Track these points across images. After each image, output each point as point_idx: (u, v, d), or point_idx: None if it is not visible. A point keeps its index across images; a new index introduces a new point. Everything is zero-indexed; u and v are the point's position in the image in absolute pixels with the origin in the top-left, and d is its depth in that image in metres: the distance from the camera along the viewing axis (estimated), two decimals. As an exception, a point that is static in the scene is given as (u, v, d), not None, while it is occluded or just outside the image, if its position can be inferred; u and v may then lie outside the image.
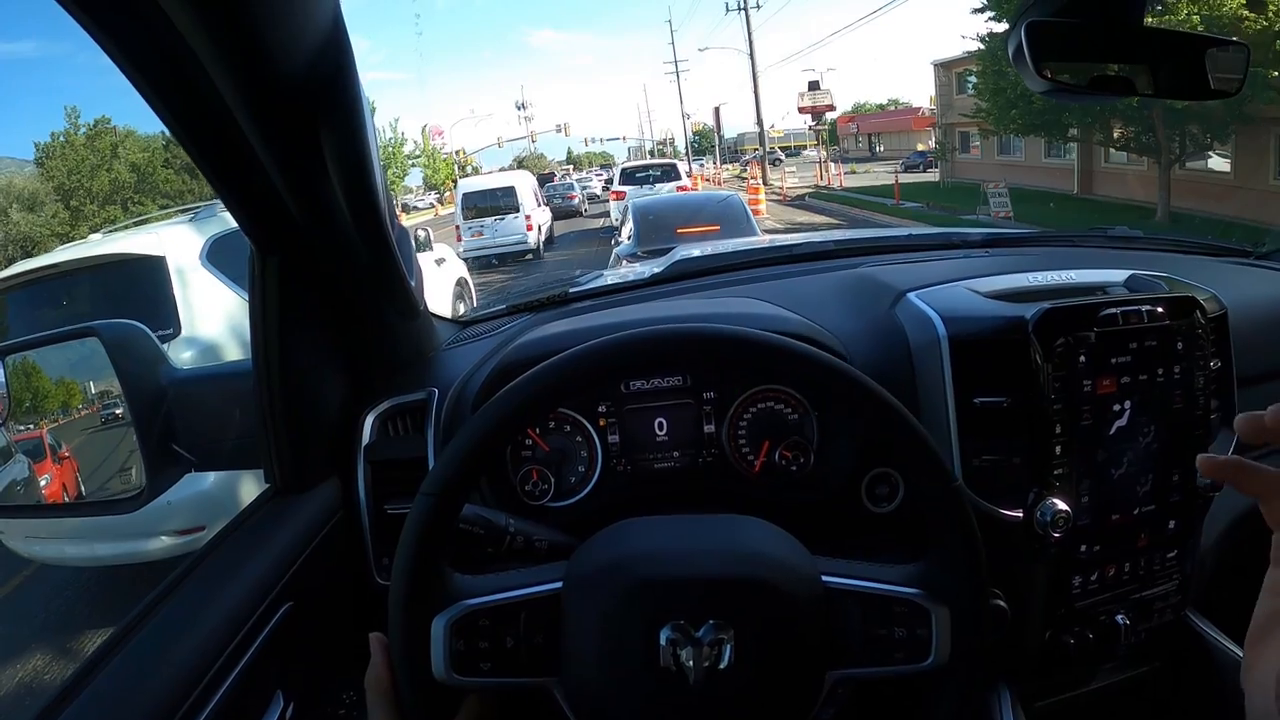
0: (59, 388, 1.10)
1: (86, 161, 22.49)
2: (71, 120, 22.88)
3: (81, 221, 22.00)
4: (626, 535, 0.69)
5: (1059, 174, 19.22)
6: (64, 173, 22.25)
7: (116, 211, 22.48)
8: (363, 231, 0.86)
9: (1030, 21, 0.86)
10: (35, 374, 1.11)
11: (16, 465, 1.17)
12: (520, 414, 0.66)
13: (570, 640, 0.64)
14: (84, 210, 22.22)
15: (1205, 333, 1.00)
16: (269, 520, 0.93)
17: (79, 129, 23.06)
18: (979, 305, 1.02)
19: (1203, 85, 0.93)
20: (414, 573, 0.63)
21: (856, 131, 52.03)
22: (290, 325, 0.91)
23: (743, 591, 0.63)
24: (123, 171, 23.16)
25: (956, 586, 0.65)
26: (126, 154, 23.51)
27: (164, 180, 24.37)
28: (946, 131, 25.24)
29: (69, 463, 1.10)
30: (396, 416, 1.06)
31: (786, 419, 1.04)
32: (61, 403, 1.10)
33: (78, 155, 22.52)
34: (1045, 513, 0.93)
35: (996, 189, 14.13)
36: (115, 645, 0.74)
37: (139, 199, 23.39)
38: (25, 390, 1.10)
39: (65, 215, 22.15)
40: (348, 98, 0.70)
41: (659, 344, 0.67)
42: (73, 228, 21.86)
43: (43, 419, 1.13)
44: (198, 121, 0.67)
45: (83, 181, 22.28)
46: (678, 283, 1.41)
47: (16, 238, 21.31)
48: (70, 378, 1.10)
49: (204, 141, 0.69)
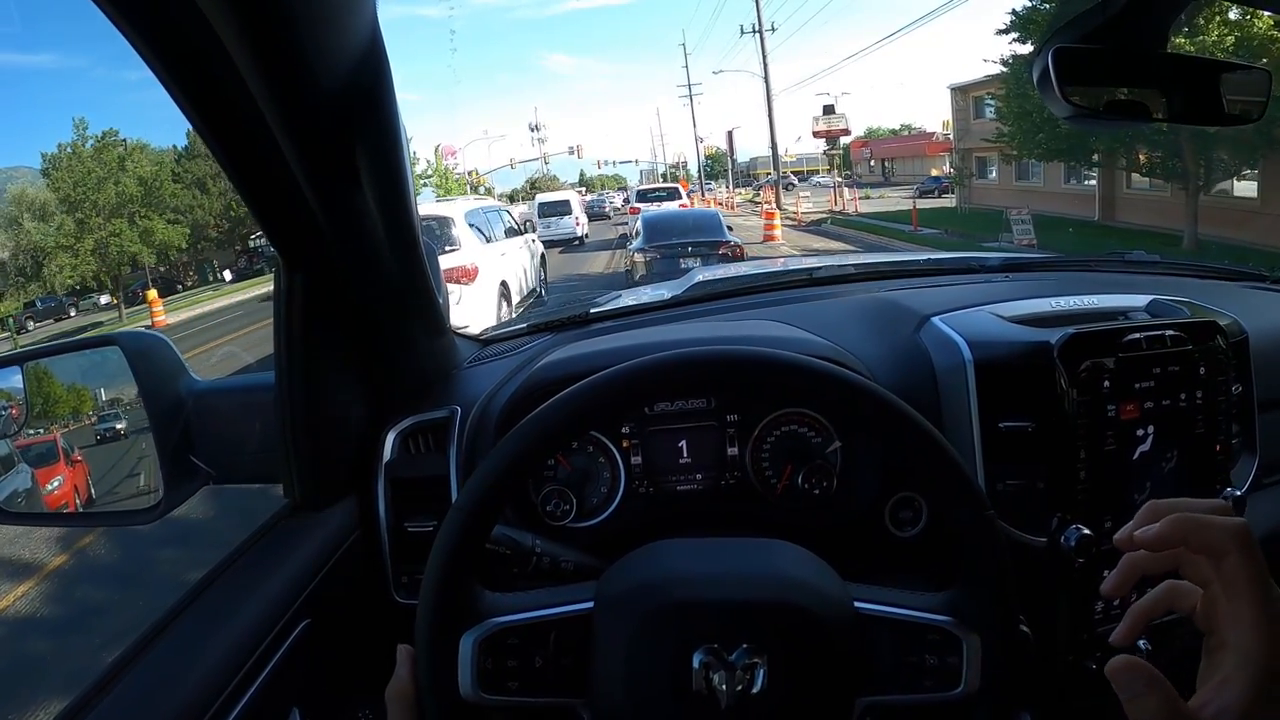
0: (70, 393, 1.11)
1: (93, 174, 22.55)
2: (80, 132, 22.99)
3: (87, 234, 21.99)
4: (660, 556, 0.69)
5: (1080, 200, 19.03)
6: (70, 184, 22.27)
7: (122, 224, 22.59)
8: (395, 248, 0.86)
9: (1058, 47, 0.87)
10: (48, 379, 1.11)
11: (19, 475, 1.18)
12: (556, 435, 0.66)
13: (600, 661, 0.63)
14: (89, 222, 22.26)
15: (1227, 357, 1.00)
16: (287, 536, 0.93)
17: (86, 140, 23.16)
18: (1003, 330, 1.02)
19: (1226, 111, 0.93)
20: (444, 589, 0.62)
21: (870, 156, 52.12)
22: (314, 341, 0.91)
23: (777, 616, 0.63)
24: (130, 184, 23.25)
25: (989, 615, 0.64)
26: (135, 167, 23.59)
27: (171, 194, 24.47)
28: (964, 157, 25.10)
29: (81, 466, 1.10)
30: (418, 434, 1.06)
31: (810, 442, 1.04)
32: (73, 409, 1.11)
33: (84, 167, 22.58)
34: (1069, 537, 0.92)
35: (1019, 215, 13.80)
36: (131, 659, 0.74)
37: (145, 213, 23.50)
38: (37, 395, 1.11)
39: (71, 226, 22.13)
40: (384, 113, 0.71)
41: (692, 366, 0.67)
42: (78, 239, 21.93)
43: (54, 424, 1.13)
44: (233, 135, 0.68)
45: (88, 194, 22.33)
46: (697, 305, 1.41)
47: (27, 247, 21.42)
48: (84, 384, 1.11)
49: (238, 155, 0.70)
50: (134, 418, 1.01)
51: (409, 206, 0.82)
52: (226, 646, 0.75)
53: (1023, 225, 13.56)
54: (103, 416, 1.08)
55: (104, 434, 1.08)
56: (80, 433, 1.11)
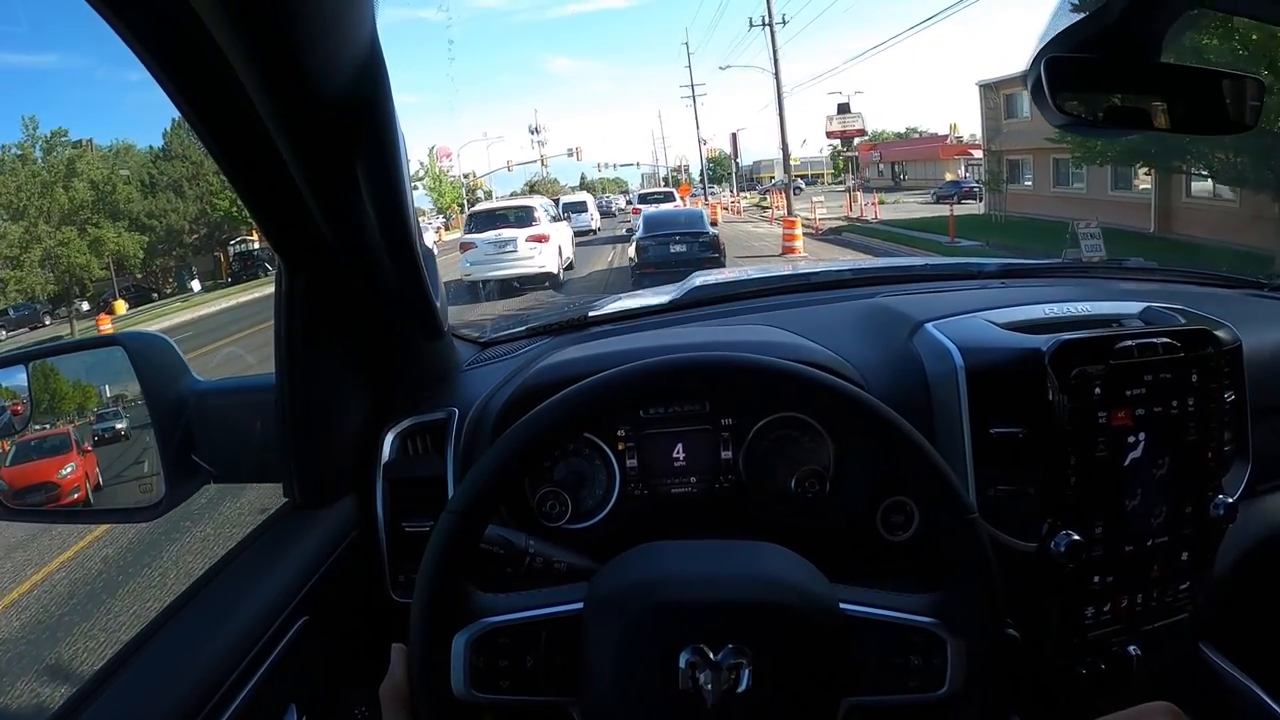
0: (75, 391, 1.13)
1: (38, 177, 20.66)
2: (30, 131, 21.05)
3: (34, 244, 19.88)
4: (648, 558, 0.70)
5: (1130, 209, 16.68)
6: (13, 189, 20.23)
7: (72, 233, 20.57)
8: (392, 252, 0.87)
9: (1050, 57, 0.87)
10: (52, 378, 1.13)
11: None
12: (548, 438, 0.68)
13: (590, 661, 0.64)
14: (36, 230, 20.17)
15: (1219, 365, 1.00)
16: (286, 534, 0.94)
17: (36, 141, 21.25)
18: (995, 336, 1.03)
19: (1221, 118, 0.94)
20: (437, 589, 0.63)
21: (879, 160, 51.21)
22: (314, 342, 0.92)
23: (762, 616, 0.64)
24: (81, 189, 21.41)
25: (973, 618, 0.65)
26: (87, 169, 21.69)
27: (126, 199, 22.40)
28: (996, 160, 22.71)
29: (91, 455, 1.12)
30: (416, 435, 1.07)
31: (804, 446, 1.05)
32: (78, 405, 1.13)
33: (31, 170, 20.70)
34: (1059, 543, 0.93)
35: (1088, 229, 11.96)
36: (130, 655, 0.75)
37: (97, 220, 21.56)
38: (44, 392, 1.13)
39: (17, 234, 19.92)
40: (382, 122, 0.72)
41: (675, 373, 0.68)
42: (24, 250, 19.85)
43: (59, 421, 1.15)
44: (236, 142, 0.69)
45: (32, 200, 20.32)
46: (694, 309, 1.42)
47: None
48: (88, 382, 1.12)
49: (239, 158, 0.71)
50: (135, 416, 1.03)
51: (407, 212, 0.83)
52: (225, 643, 0.76)
53: (1092, 240, 11.88)
54: (101, 415, 1.10)
55: (103, 433, 1.09)
56: (83, 430, 1.13)
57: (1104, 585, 0.98)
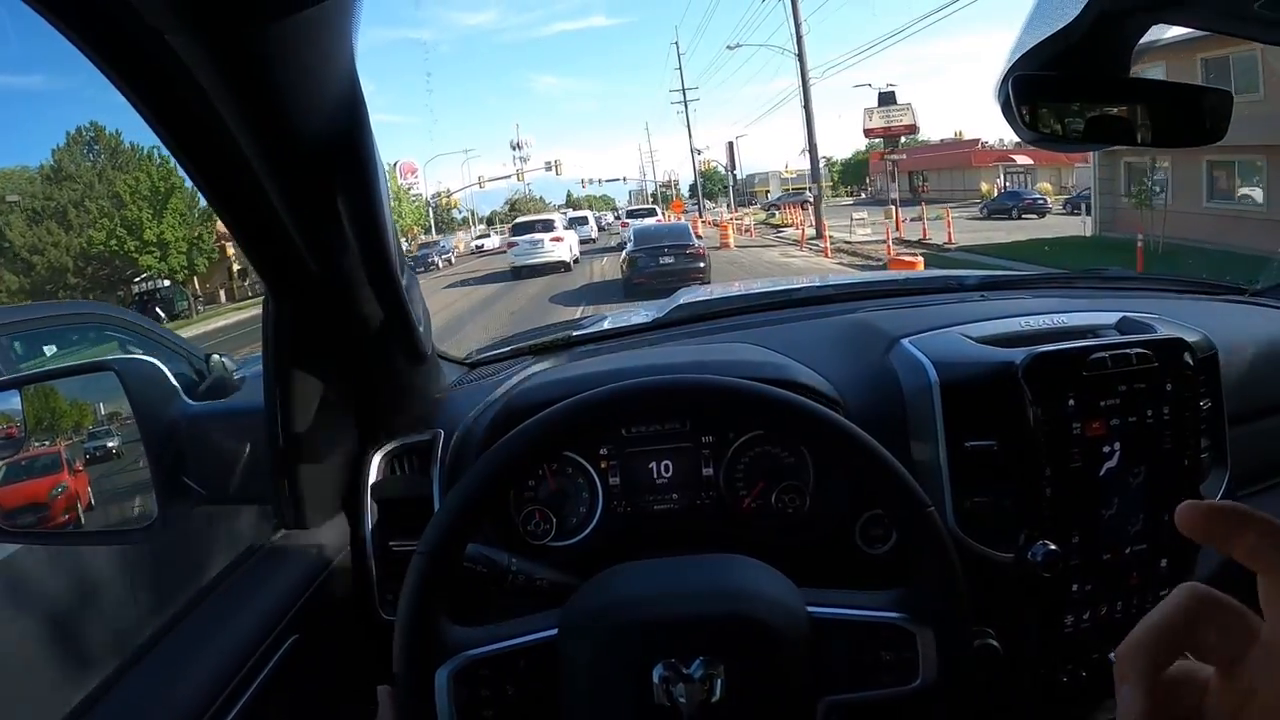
0: (68, 414, 1.15)
1: None
2: None
3: None
4: (614, 581, 0.72)
5: None
6: None
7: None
8: (374, 281, 0.89)
9: (1018, 75, 0.89)
10: (49, 400, 1.15)
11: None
12: (509, 469, 0.71)
13: (567, 685, 0.66)
14: None
15: (1195, 373, 1.01)
16: (276, 555, 0.96)
17: None
18: (970, 351, 1.04)
19: (1195, 130, 0.95)
20: (415, 628, 0.66)
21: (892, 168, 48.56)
22: (301, 367, 0.94)
23: (729, 627, 0.66)
24: None
25: (938, 607, 0.68)
26: None
27: None
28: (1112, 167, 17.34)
29: (82, 475, 1.14)
30: (403, 456, 1.09)
31: (783, 462, 1.06)
32: (71, 428, 1.15)
33: None
34: (1036, 553, 0.94)
35: None
36: (119, 676, 0.76)
37: None
38: (39, 416, 1.15)
39: None
40: (363, 156, 0.74)
41: (611, 403, 0.72)
42: None
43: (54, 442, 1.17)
44: (219, 175, 0.70)
45: None
46: (679, 327, 1.44)
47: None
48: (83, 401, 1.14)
49: (225, 194, 0.73)
50: (127, 434, 1.04)
51: (387, 242, 0.85)
52: (215, 662, 0.77)
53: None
54: (93, 434, 1.12)
55: (94, 452, 1.11)
56: (74, 449, 1.15)
57: (1083, 594, 0.99)
